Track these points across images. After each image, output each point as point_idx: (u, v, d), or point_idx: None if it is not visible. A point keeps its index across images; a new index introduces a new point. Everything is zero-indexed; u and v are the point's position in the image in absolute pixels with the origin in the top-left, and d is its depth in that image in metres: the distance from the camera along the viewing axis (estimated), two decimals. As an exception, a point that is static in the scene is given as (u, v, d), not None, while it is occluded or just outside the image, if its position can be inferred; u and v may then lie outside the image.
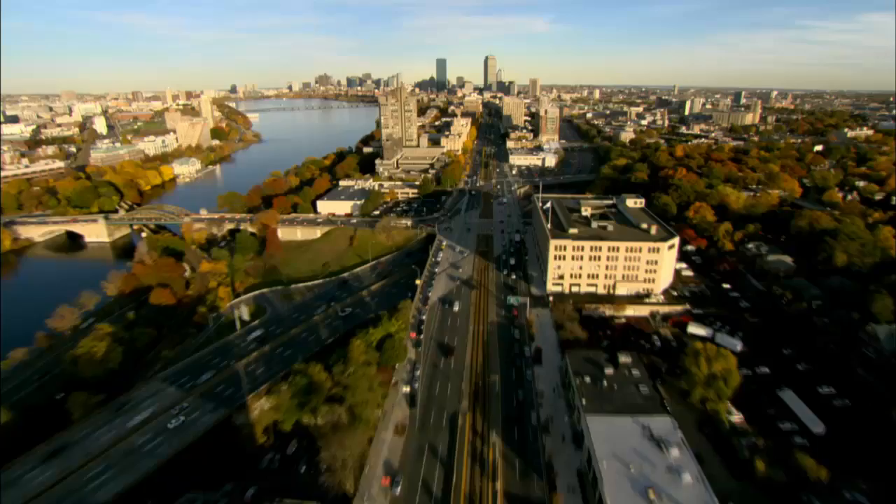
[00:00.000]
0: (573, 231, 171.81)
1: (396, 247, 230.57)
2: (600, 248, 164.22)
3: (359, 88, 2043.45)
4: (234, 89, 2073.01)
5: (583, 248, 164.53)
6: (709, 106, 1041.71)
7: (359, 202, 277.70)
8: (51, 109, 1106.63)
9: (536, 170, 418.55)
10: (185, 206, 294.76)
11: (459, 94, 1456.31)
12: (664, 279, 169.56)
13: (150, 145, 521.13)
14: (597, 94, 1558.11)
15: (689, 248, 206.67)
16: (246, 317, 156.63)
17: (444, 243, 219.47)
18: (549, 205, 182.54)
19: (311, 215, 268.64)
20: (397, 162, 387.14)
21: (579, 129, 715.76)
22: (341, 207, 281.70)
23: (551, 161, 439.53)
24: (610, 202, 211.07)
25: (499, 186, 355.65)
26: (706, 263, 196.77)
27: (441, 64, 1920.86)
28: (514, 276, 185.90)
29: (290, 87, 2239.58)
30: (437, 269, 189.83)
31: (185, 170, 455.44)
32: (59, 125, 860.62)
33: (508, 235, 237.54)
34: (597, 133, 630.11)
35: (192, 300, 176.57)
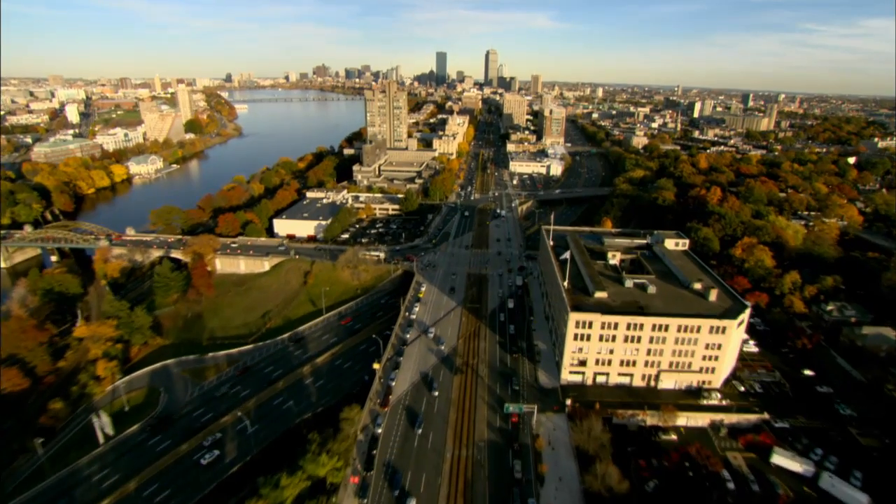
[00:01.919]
0: (600, 295, 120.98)
1: (363, 287, 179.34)
2: (641, 327, 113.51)
3: (357, 80, 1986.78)
4: (229, 78, 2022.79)
5: (616, 326, 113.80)
6: (719, 109, 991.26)
7: (324, 222, 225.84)
8: (31, 94, 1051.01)
9: (540, 179, 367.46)
10: (129, 218, 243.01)
11: (459, 88, 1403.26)
12: (727, 367, 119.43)
13: (110, 139, 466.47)
14: (600, 93, 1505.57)
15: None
16: (109, 429, 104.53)
17: (424, 288, 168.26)
18: (566, 255, 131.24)
19: (262, 240, 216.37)
20: (378, 168, 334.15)
21: (585, 131, 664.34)
22: (303, 228, 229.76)
23: (557, 169, 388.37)
24: (642, 242, 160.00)
25: (496, 197, 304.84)
26: (773, 331, 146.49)
27: (441, 57, 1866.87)
28: (513, 347, 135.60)
29: (286, 78, 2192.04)
30: (408, 335, 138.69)
31: (143, 169, 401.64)
32: (31, 112, 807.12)
33: (507, 266, 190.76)
34: (605, 136, 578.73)
35: (63, 380, 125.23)
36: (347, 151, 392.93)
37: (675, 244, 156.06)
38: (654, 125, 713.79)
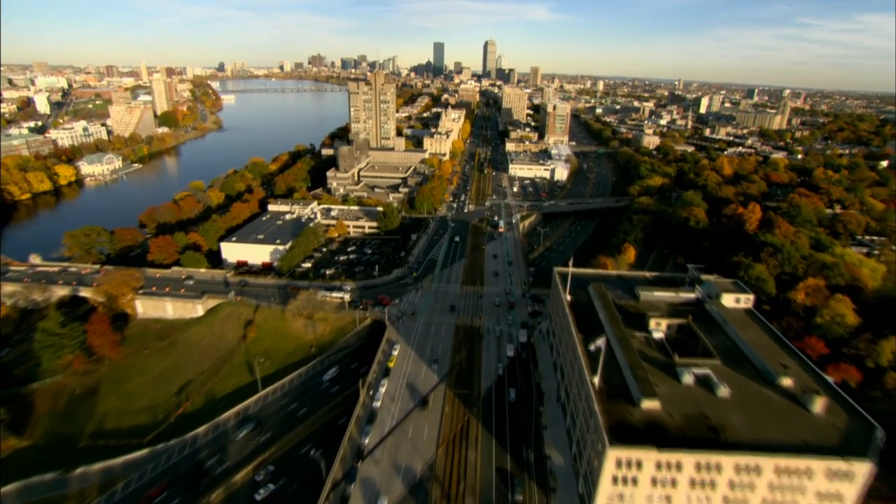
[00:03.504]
0: (650, 406, 79.72)
1: (320, 344, 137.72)
2: (717, 467, 72.46)
3: (353, 71, 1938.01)
4: (221, 67, 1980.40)
5: (679, 466, 72.70)
6: (727, 105, 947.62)
7: (282, 247, 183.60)
8: (10, 82, 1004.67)
9: (544, 185, 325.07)
10: (59, 234, 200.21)
11: (456, 80, 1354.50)
12: (841, 516, 78.58)
13: (65, 134, 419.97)
14: (601, 86, 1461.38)
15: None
16: None
17: (396, 352, 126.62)
18: (600, 342, 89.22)
19: (202, 271, 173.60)
20: (357, 174, 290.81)
21: (589, 128, 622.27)
22: (256, 253, 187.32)
23: (562, 173, 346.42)
24: (690, 296, 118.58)
25: (494, 207, 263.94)
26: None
27: (438, 48, 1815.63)
28: (515, 457, 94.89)
29: (281, 67, 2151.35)
30: (367, 440, 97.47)
31: (97, 169, 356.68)
32: (1, 101, 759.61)
33: (507, 299, 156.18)
34: (612, 134, 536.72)
35: None
36: (326, 152, 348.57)
37: (734, 300, 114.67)
38: (663, 122, 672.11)
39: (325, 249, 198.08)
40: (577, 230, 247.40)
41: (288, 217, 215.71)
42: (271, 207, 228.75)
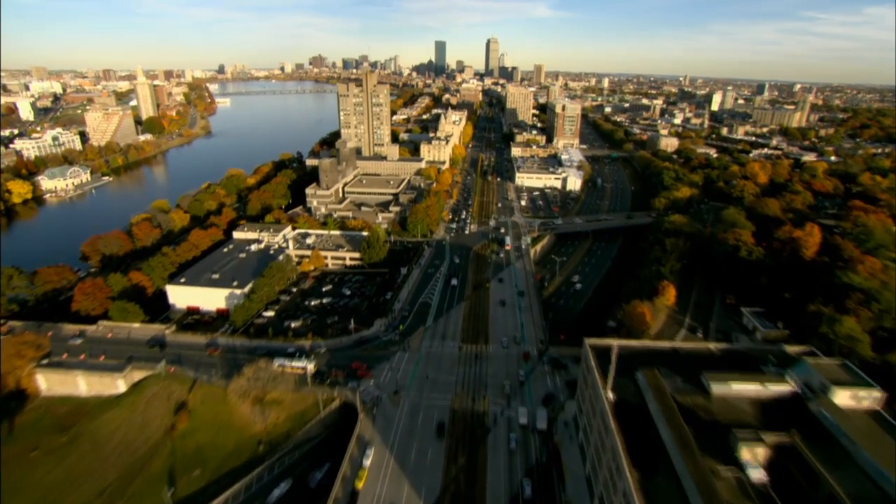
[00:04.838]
0: None
1: (271, 439, 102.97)
2: None
3: (354, 71, 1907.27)
4: (221, 69, 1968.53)
5: None
6: (741, 101, 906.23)
7: (238, 291, 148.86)
8: (4, 89, 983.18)
9: (555, 198, 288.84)
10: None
11: (458, 79, 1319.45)
12: None
13: (31, 144, 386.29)
14: (606, 83, 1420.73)
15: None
16: None
17: (369, 460, 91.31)
18: None
19: (135, 326, 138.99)
20: (342, 190, 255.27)
21: (599, 128, 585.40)
22: (209, 298, 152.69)
23: (575, 181, 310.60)
24: (782, 389, 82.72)
25: (501, 224, 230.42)
26: None
27: (440, 47, 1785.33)
28: None
29: (282, 69, 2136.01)
30: None
31: (60, 184, 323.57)
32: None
33: (518, 371, 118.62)
34: (625, 135, 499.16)
35: None
36: (311, 162, 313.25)
37: (852, 397, 78.99)
38: (677, 121, 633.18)
39: (294, 290, 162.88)
40: (597, 254, 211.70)
41: (254, 248, 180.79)
42: (237, 235, 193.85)
